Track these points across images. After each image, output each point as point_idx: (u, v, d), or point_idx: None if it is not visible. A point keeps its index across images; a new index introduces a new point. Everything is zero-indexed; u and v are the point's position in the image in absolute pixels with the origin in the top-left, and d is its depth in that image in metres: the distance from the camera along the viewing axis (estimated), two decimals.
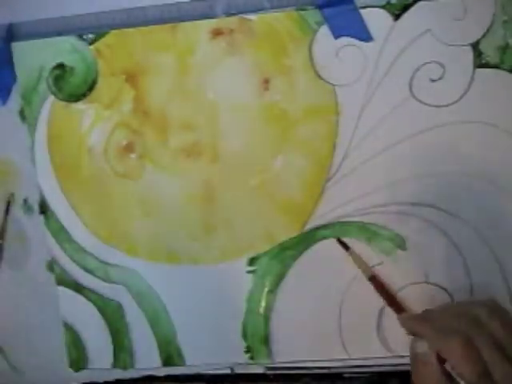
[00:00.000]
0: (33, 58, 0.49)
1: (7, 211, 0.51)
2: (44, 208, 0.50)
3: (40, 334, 0.52)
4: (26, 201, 0.51)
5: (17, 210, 0.51)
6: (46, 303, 0.52)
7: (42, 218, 0.51)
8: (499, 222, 0.46)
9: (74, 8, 0.49)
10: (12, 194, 0.51)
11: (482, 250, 0.46)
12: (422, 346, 0.36)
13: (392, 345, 0.47)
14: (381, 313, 0.47)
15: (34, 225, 0.51)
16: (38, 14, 0.49)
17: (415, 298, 0.47)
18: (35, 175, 0.50)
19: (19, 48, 0.49)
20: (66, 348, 0.51)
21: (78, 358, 0.51)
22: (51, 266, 0.51)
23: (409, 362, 0.46)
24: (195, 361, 0.49)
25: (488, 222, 0.46)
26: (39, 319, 0.52)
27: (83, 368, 0.51)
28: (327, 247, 0.47)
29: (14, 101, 0.50)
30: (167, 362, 0.50)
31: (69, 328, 0.51)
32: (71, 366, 0.52)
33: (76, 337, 0.51)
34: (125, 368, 0.50)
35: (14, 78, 0.50)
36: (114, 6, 0.48)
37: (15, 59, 0.49)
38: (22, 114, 0.50)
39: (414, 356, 0.37)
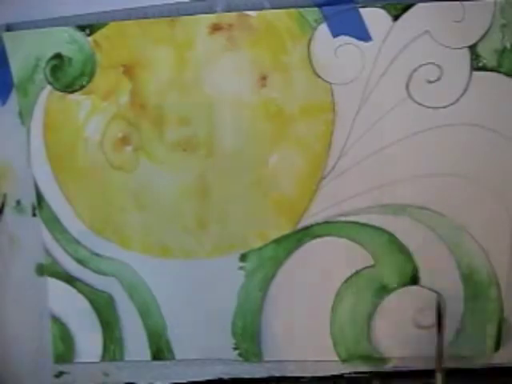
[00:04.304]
0: (29, 48, 0.49)
1: (0, 211, 0.51)
2: (38, 208, 0.50)
3: (26, 335, 0.52)
4: (18, 202, 0.51)
5: (9, 211, 0.51)
6: (34, 305, 0.52)
7: (34, 220, 0.51)
8: (493, 224, 0.46)
9: (74, 7, 0.49)
10: (5, 195, 0.51)
11: (476, 252, 0.46)
12: None
13: (382, 347, 0.47)
14: (372, 314, 0.47)
15: (26, 226, 0.51)
16: (38, 14, 0.49)
17: (407, 301, 0.47)
18: (30, 177, 0.50)
19: (15, 37, 0.49)
20: (52, 342, 0.51)
21: (65, 352, 0.51)
22: (41, 268, 0.51)
23: (400, 364, 0.46)
24: (184, 355, 0.50)
25: (482, 224, 0.46)
26: (26, 320, 0.52)
27: (69, 362, 0.51)
28: (320, 246, 0.47)
29: (14, 102, 0.50)
30: (157, 355, 0.50)
31: (57, 321, 0.51)
32: (56, 362, 0.52)
33: (64, 330, 0.51)
34: (114, 360, 0.50)
35: (13, 79, 0.49)
36: (114, 6, 0.48)
37: (8, 48, 0.49)
38: (22, 116, 0.50)
39: None
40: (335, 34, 0.45)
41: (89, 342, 0.51)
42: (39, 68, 0.49)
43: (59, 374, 0.52)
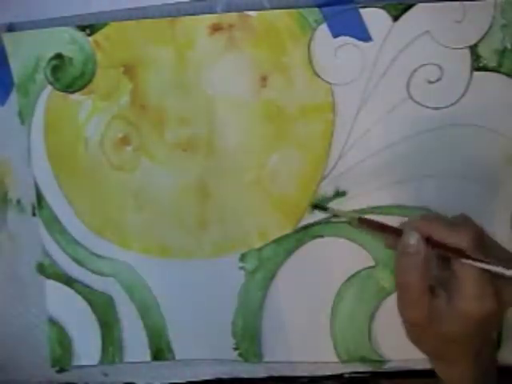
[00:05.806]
0: (30, 48, 0.49)
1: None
2: (38, 208, 0.50)
3: (25, 335, 0.52)
4: (19, 201, 0.51)
5: (9, 211, 0.51)
6: (33, 304, 0.51)
7: (34, 219, 0.50)
8: (495, 225, 0.46)
9: (74, 7, 0.49)
10: (5, 194, 0.51)
11: None
12: (414, 236, 0.37)
13: (382, 348, 0.47)
14: (372, 316, 0.47)
15: (26, 226, 0.51)
16: (38, 14, 0.49)
17: None
18: (30, 177, 0.50)
19: (15, 37, 0.49)
20: (49, 346, 0.51)
21: (63, 356, 0.51)
22: (41, 267, 0.51)
23: (400, 365, 0.46)
24: (184, 355, 0.50)
25: (482, 224, 0.45)
26: (25, 320, 0.52)
27: (67, 366, 0.51)
28: (320, 246, 0.47)
29: (14, 102, 0.50)
30: (157, 355, 0.50)
31: (55, 324, 0.51)
32: (54, 365, 0.51)
33: (62, 333, 0.51)
34: (113, 362, 0.50)
35: (13, 79, 0.49)
36: (114, 6, 0.48)
37: (9, 48, 0.49)
38: (21, 115, 0.50)
39: (404, 248, 0.37)
40: (335, 35, 0.45)
41: (87, 345, 0.51)
42: (40, 68, 0.49)
43: (58, 373, 0.52)
